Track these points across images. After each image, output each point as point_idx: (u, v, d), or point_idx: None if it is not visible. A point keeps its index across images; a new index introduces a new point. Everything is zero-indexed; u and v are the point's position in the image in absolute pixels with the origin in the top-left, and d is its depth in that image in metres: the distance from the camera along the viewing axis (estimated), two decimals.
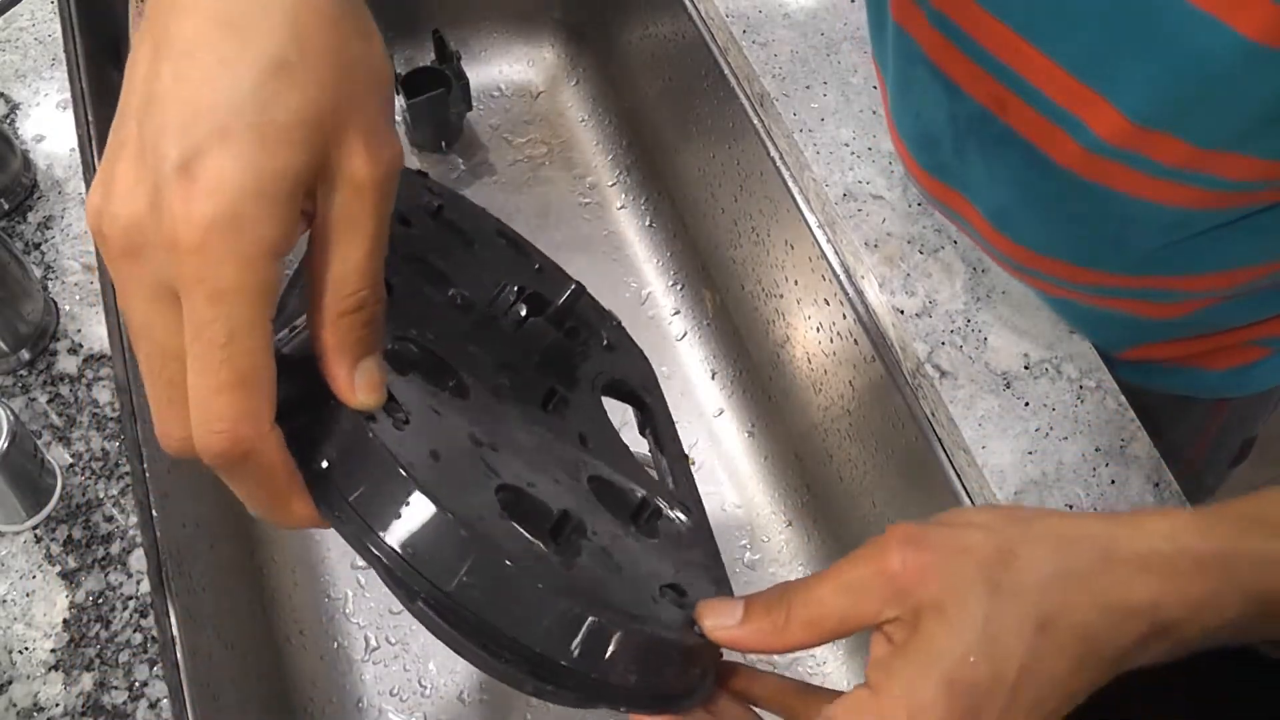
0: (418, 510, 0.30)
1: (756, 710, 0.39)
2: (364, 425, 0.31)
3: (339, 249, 0.32)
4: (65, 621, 0.57)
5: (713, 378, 0.95)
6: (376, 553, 0.30)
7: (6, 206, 0.69)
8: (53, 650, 0.56)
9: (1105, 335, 0.68)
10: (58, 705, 0.55)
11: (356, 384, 0.32)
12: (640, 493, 0.40)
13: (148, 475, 0.62)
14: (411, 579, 0.30)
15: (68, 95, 0.75)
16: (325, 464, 0.32)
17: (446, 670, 0.81)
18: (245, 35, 0.30)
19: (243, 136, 0.29)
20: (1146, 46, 0.48)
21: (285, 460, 0.32)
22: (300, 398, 0.32)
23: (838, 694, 0.35)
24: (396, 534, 0.30)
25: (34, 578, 0.58)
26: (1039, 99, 0.54)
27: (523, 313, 0.42)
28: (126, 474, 0.61)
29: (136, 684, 0.56)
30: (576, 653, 0.31)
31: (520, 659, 0.32)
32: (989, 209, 0.63)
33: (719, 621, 0.35)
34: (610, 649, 0.32)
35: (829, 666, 0.81)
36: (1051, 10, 0.51)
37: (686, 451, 0.48)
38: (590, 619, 0.31)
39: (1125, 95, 0.50)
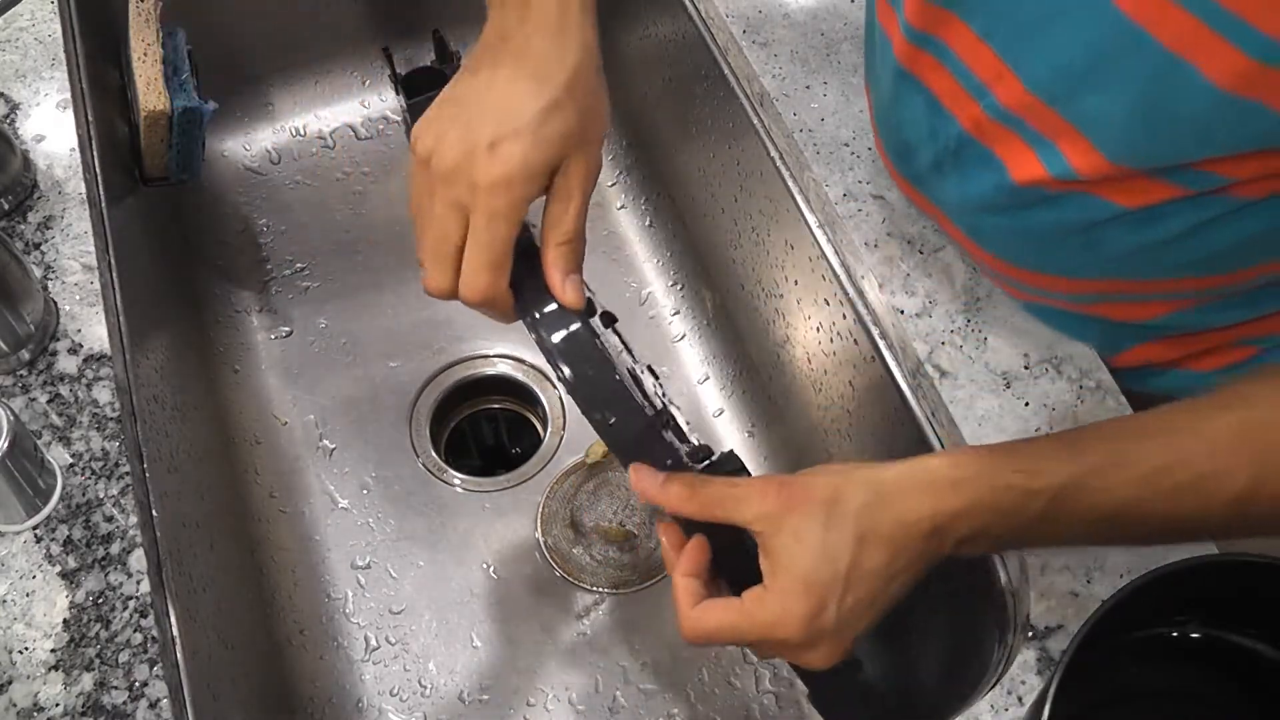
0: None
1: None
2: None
3: (561, 209, 0.53)
4: (65, 621, 0.57)
5: (712, 378, 0.95)
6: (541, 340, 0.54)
7: (6, 206, 0.69)
8: (53, 650, 0.56)
9: (1093, 340, 0.68)
10: (58, 705, 0.55)
11: (565, 288, 0.53)
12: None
13: (148, 475, 0.62)
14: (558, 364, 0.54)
15: (68, 95, 0.75)
16: (535, 314, 0.54)
17: (446, 670, 0.81)
18: (542, 82, 0.52)
19: (526, 137, 0.51)
20: (1124, 84, 0.48)
21: (508, 301, 0.54)
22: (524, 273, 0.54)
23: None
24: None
25: (34, 578, 0.58)
26: (1017, 124, 0.55)
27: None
28: (126, 474, 0.61)
29: (136, 684, 0.56)
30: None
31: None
32: (963, 223, 0.64)
33: (645, 478, 0.53)
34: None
35: None
36: (1034, 37, 0.51)
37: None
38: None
39: (1103, 134, 0.51)
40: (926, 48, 0.58)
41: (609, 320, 0.58)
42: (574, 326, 0.54)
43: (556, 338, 0.54)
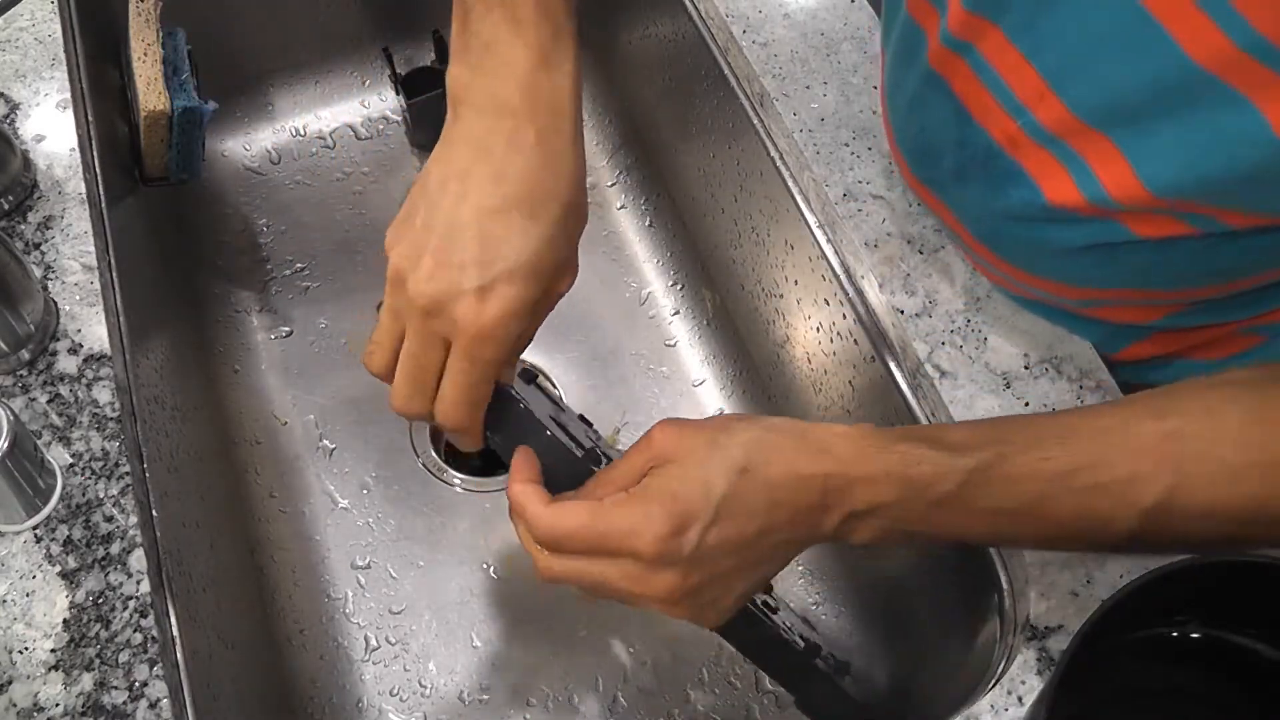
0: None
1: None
2: (516, 402, 0.55)
3: (532, 326, 0.52)
4: (65, 621, 0.57)
5: (713, 378, 0.95)
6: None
7: (6, 206, 0.69)
8: (53, 650, 0.56)
9: (1097, 338, 0.68)
10: (58, 705, 0.55)
11: (505, 374, 0.52)
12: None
13: (148, 475, 0.62)
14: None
15: (68, 95, 0.75)
16: (497, 435, 0.55)
17: (446, 670, 0.82)
18: (533, 217, 0.49)
19: (520, 279, 0.48)
20: (1183, 121, 0.47)
21: (480, 432, 0.53)
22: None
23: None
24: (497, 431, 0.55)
25: (34, 578, 0.58)
26: (1056, 144, 0.54)
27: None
28: (126, 474, 0.61)
29: (136, 684, 0.56)
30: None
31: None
32: (980, 230, 0.64)
33: (523, 464, 0.53)
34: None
35: None
36: (1084, 64, 0.50)
37: None
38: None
39: (1149, 164, 0.50)
40: (964, 56, 0.57)
41: (529, 377, 0.58)
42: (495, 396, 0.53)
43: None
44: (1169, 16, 0.45)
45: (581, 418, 0.60)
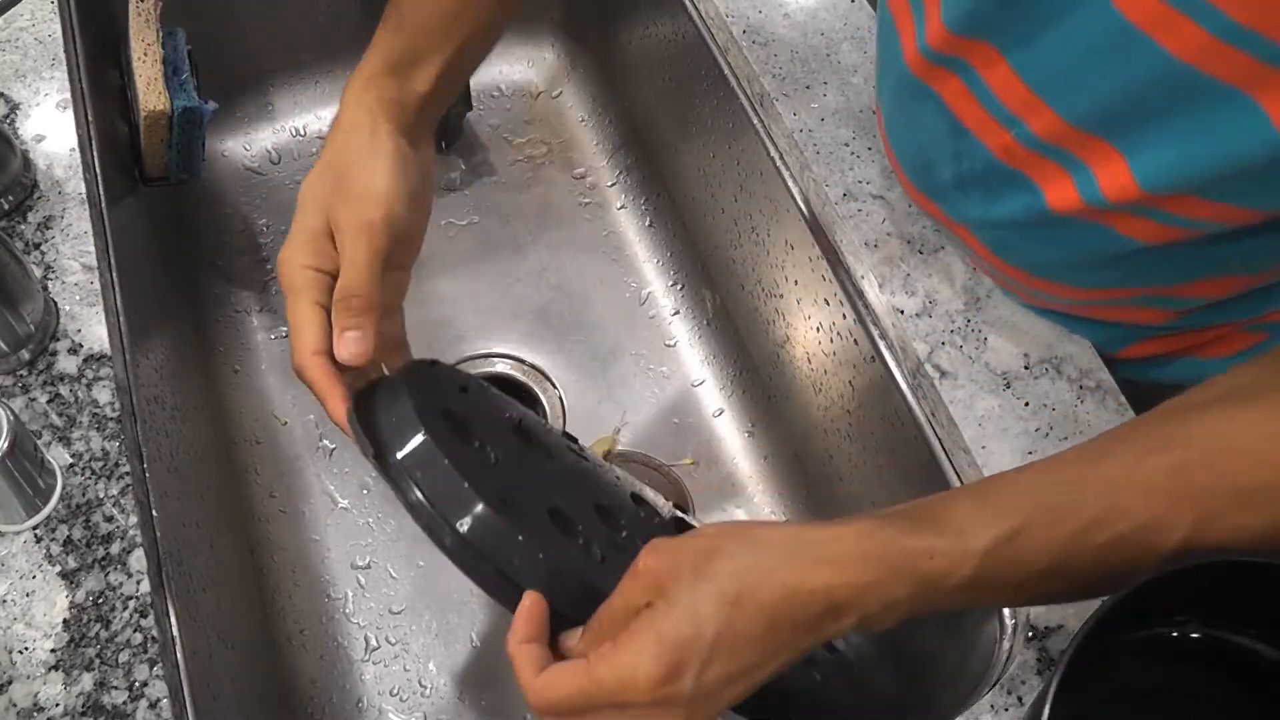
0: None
1: None
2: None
3: (341, 267, 0.57)
4: (65, 621, 0.57)
5: (713, 378, 0.95)
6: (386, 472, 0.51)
7: (6, 206, 0.69)
8: (53, 650, 0.56)
9: (1099, 339, 0.68)
10: (58, 705, 0.55)
11: (338, 344, 0.55)
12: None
13: (148, 475, 0.62)
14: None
15: (68, 95, 0.75)
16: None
17: (446, 670, 0.81)
18: (314, 169, 0.60)
19: (298, 213, 0.58)
20: (1174, 125, 0.48)
21: (322, 378, 0.55)
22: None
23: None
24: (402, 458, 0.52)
25: (34, 578, 0.58)
26: (1052, 151, 0.54)
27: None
28: (126, 474, 0.61)
29: (136, 684, 0.56)
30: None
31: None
32: (986, 238, 0.64)
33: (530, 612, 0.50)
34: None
35: None
36: (1072, 75, 0.51)
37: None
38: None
39: (1144, 164, 0.50)
40: (951, 68, 0.58)
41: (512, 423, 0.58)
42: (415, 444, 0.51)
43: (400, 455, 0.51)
44: (1147, 22, 0.46)
45: (567, 436, 0.60)
